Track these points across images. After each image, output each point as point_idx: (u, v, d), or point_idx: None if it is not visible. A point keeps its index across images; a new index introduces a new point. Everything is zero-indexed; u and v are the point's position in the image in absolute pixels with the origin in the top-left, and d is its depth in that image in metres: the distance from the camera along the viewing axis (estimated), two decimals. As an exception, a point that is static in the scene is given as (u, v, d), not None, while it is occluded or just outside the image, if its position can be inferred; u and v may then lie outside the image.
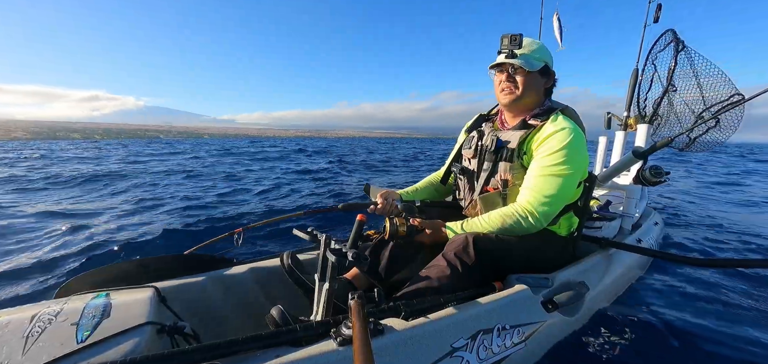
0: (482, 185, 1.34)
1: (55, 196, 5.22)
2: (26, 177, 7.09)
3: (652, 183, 1.75)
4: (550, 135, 1.19)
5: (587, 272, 1.45)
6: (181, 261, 1.31)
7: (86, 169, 8.65)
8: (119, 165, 9.89)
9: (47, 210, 4.00)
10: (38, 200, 4.75)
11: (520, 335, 1.11)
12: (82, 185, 6.29)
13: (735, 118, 1.75)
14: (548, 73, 1.30)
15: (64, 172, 7.77)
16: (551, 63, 1.31)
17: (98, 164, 10.11)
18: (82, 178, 6.89)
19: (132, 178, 7.04)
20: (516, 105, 1.31)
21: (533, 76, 1.26)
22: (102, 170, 8.37)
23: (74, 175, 7.25)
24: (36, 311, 0.83)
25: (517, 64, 1.23)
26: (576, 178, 1.22)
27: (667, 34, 2.10)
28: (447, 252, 1.16)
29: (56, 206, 4.37)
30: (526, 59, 1.24)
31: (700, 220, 3.83)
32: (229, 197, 5.19)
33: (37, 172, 8.00)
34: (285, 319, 0.91)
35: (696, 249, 2.92)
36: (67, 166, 9.38)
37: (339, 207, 1.92)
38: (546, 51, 1.29)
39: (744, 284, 2.06)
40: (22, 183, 6.33)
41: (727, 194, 5.70)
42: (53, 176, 7.12)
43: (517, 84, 1.27)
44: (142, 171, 8.36)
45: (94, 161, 11.36)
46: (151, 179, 6.97)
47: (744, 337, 1.54)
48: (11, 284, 2.11)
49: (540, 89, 1.31)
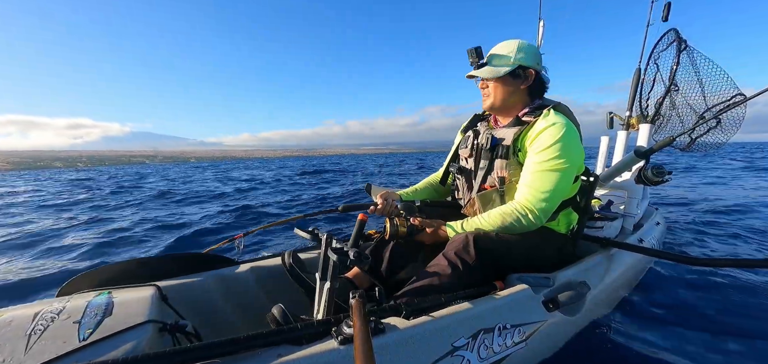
0: (480, 183, 1.35)
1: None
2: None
3: (653, 183, 1.75)
4: (542, 130, 1.19)
5: (588, 272, 1.45)
6: (182, 260, 1.31)
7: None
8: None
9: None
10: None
11: (520, 335, 1.11)
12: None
13: (737, 118, 1.74)
14: (522, 73, 1.28)
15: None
16: (529, 60, 1.27)
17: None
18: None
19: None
20: (497, 109, 1.35)
21: (503, 80, 1.28)
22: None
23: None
24: (38, 309, 0.84)
25: (482, 75, 1.30)
26: (572, 172, 1.22)
27: (669, 34, 2.10)
28: (448, 251, 1.17)
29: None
30: (492, 65, 1.28)
31: (702, 220, 3.82)
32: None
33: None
34: (286, 318, 0.91)
35: (698, 249, 2.91)
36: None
37: (339, 208, 1.93)
38: (522, 49, 1.27)
39: (746, 284, 2.05)
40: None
41: (728, 195, 5.68)
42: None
43: (489, 91, 1.32)
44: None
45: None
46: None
47: (745, 337, 1.53)
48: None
49: (516, 90, 1.30)
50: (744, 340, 1.51)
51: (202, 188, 10.35)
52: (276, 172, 13.68)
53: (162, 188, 10.17)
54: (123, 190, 10.63)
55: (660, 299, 1.86)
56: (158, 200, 7.78)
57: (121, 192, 10.01)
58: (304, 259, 1.38)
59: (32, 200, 8.80)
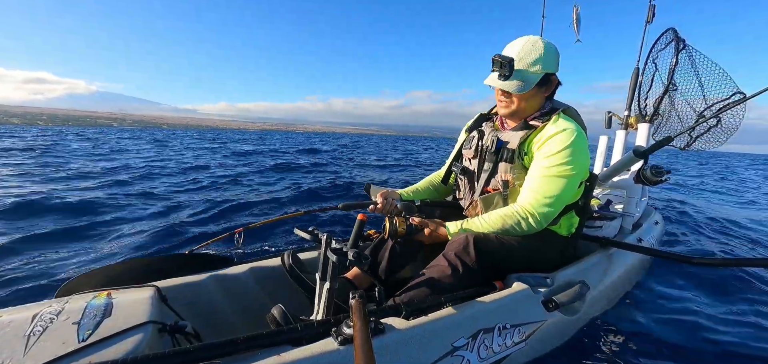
0: (483, 185, 1.33)
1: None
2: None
3: (652, 182, 1.75)
4: (551, 136, 1.17)
5: (588, 272, 1.45)
6: (181, 261, 1.31)
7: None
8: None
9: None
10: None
11: (520, 335, 1.11)
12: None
13: (736, 117, 1.75)
14: (548, 80, 1.23)
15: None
16: (554, 65, 1.22)
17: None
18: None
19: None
20: (515, 115, 1.30)
21: (530, 91, 1.21)
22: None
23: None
24: (37, 310, 0.84)
25: (511, 90, 1.20)
26: (578, 178, 1.21)
27: (668, 33, 2.10)
28: (447, 252, 1.16)
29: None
30: (521, 77, 1.19)
31: (702, 219, 3.83)
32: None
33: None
34: (286, 318, 0.91)
35: (697, 248, 2.92)
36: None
37: (339, 207, 1.93)
38: (549, 56, 1.19)
39: (745, 283, 2.06)
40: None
41: (729, 194, 5.69)
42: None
43: (513, 101, 1.25)
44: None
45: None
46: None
47: (745, 336, 1.54)
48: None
49: (540, 98, 1.27)
50: (743, 339, 1.52)
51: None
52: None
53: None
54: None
55: (659, 298, 1.87)
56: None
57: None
58: (304, 259, 1.38)
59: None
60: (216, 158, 10.17)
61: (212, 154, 11.53)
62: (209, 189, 5.26)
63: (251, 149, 14.58)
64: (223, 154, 11.86)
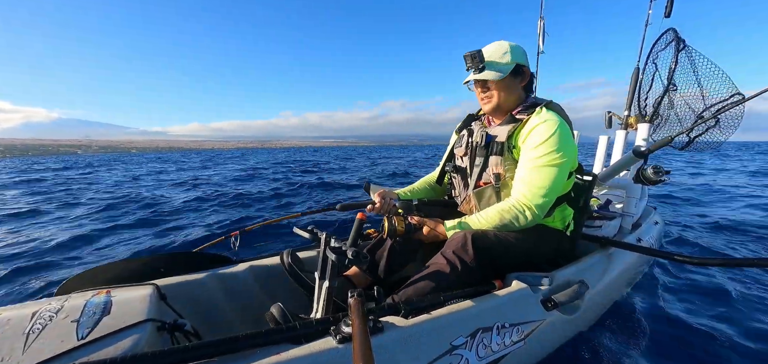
0: (475, 180, 1.36)
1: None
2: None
3: (652, 182, 1.75)
4: (535, 127, 1.21)
5: (587, 271, 1.45)
6: (181, 259, 1.31)
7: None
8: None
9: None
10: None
11: (519, 334, 1.11)
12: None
13: (735, 118, 1.75)
14: (521, 71, 1.30)
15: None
16: (523, 58, 1.30)
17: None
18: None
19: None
20: (499, 110, 1.34)
21: (506, 80, 1.28)
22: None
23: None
24: (36, 308, 0.84)
25: (487, 78, 1.27)
26: (567, 167, 1.23)
27: (668, 34, 2.10)
28: (446, 250, 1.17)
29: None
30: (495, 68, 1.27)
31: (701, 219, 3.83)
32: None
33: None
34: (285, 317, 0.91)
35: (696, 248, 2.92)
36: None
37: (337, 207, 1.93)
38: (516, 50, 1.29)
39: (744, 283, 2.06)
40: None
41: (729, 193, 5.69)
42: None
43: (492, 93, 1.30)
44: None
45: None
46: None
47: (744, 335, 1.54)
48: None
49: (516, 88, 1.32)
50: (743, 339, 1.52)
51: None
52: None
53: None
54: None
55: (658, 297, 1.87)
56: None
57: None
58: (303, 258, 1.38)
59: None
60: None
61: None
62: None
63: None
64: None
